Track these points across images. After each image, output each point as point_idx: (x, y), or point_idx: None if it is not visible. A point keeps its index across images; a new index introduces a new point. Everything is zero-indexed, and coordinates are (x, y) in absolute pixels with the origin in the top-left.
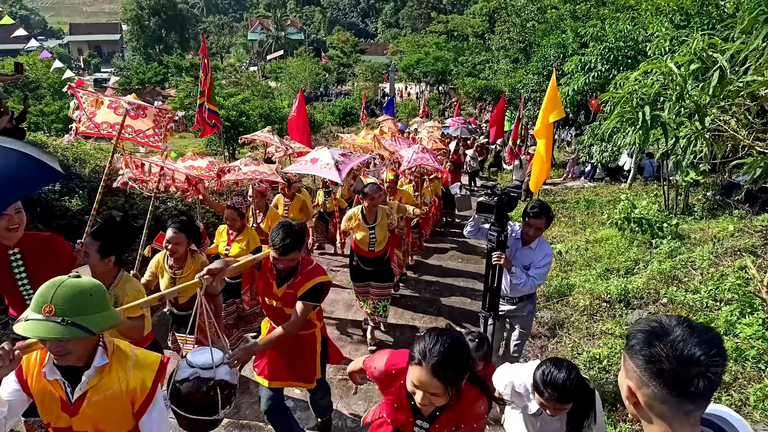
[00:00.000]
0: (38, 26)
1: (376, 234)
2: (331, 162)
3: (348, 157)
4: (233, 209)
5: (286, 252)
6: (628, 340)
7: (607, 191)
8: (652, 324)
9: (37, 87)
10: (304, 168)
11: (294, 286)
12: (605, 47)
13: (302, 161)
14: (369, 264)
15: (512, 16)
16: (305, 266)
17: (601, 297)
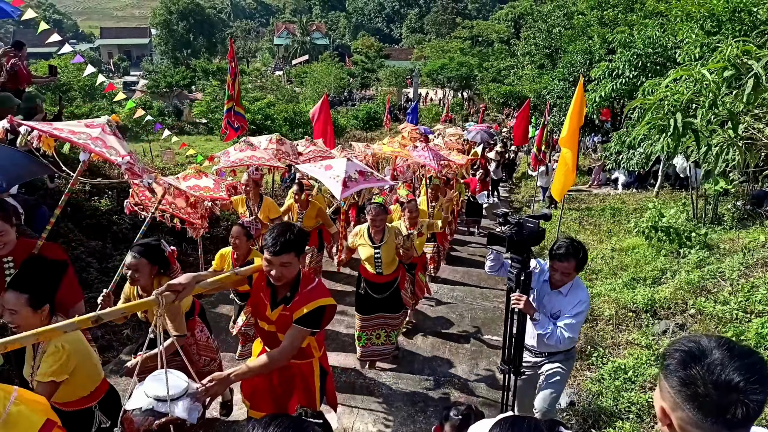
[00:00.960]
0: (70, 30)
1: (382, 255)
2: (341, 175)
3: (365, 176)
4: (241, 228)
5: (281, 251)
6: (664, 360)
7: (633, 199)
8: (690, 344)
9: (69, 89)
10: (316, 171)
11: (291, 307)
12: (633, 53)
13: (318, 164)
14: (379, 291)
15: (538, 22)
16: (306, 284)
17: (627, 306)
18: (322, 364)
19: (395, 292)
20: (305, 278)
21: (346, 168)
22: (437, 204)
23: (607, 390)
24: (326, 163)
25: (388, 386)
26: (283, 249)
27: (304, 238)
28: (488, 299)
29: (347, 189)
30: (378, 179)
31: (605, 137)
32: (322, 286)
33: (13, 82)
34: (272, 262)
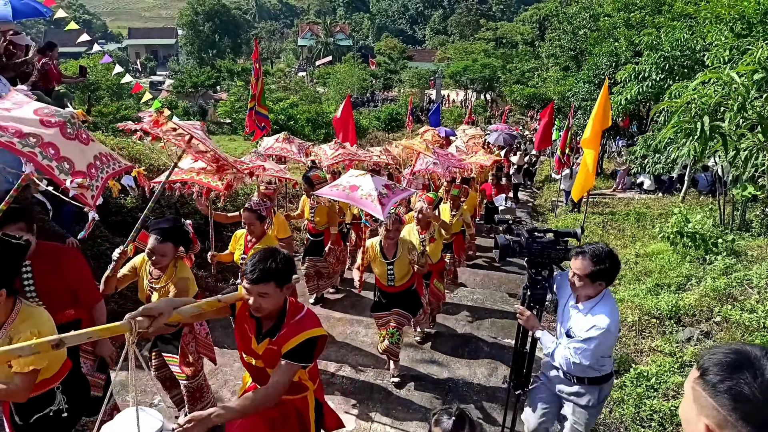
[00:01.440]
0: (99, 30)
1: (395, 271)
2: (374, 193)
3: (391, 190)
4: (251, 212)
5: (259, 280)
6: (704, 373)
7: (658, 204)
8: (731, 355)
9: (97, 88)
10: (341, 195)
11: (278, 341)
12: (660, 56)
13: (340, 185)
14: (392, 299)
15: (563, 24)
16: (293, 314)
17: (651, 313)
18: (317, 397)
19: (411, 294)
20: (292, 308)
21: (374, 183)
22: (458, 213)
23: (628, 397)
24: (348, 182)
25: (406, 388)
26: (262, 278)
27: (289, 268)
28: (508, 303)
29: (385, 207)
30: (402, 190)
31: (630, 141)
32: (312, 315)
33: (44, 81)
34: (250, 291)
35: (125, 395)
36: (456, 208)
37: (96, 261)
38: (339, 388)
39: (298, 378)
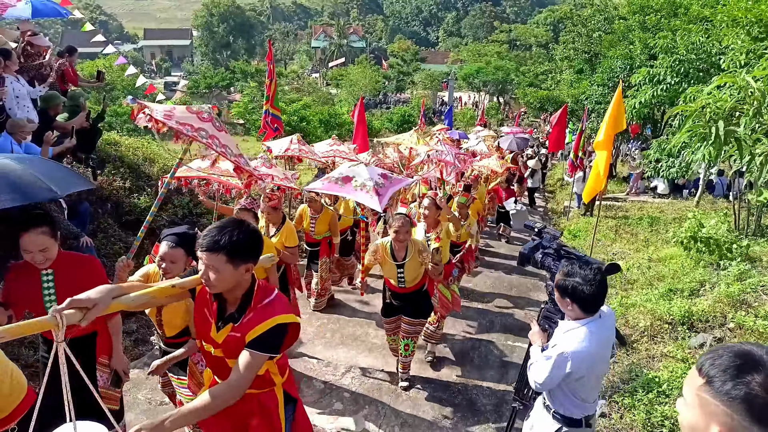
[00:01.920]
0: (115, 31)
1: (405, 273)
2: (369, 183)
3: (388, 180)
4: (246, 211)
5: (210, 248)
6: (711, 380)
7: (672, 208)
8: (738, 358)
9: (112, 89)
10: (334, 188)
11: (241, 327)
12: (675, 59)
13: (332, 178)
14: (402, 299)
15: (578, 26)
16: (261, 297)
17: (663, 318)
18: (287, 390)
19: (422, 296)
20: (261, 290)
21: (370, 174)
22: (466, 223)
23: (639, 403)
24: (341, 173)
25: (415, 390)
26: (212, 246)
27: (252, 244)
28: (519, 306)
29: (383, 197)
30: (400, 179)
31: (644, 144)
32: (283, 299)
33: (60, 83)
34: (202, 259)
35: (136, 393)
36: (464, 218)
37: (109, 260)
38: (348, 389)
39: (265, 370)
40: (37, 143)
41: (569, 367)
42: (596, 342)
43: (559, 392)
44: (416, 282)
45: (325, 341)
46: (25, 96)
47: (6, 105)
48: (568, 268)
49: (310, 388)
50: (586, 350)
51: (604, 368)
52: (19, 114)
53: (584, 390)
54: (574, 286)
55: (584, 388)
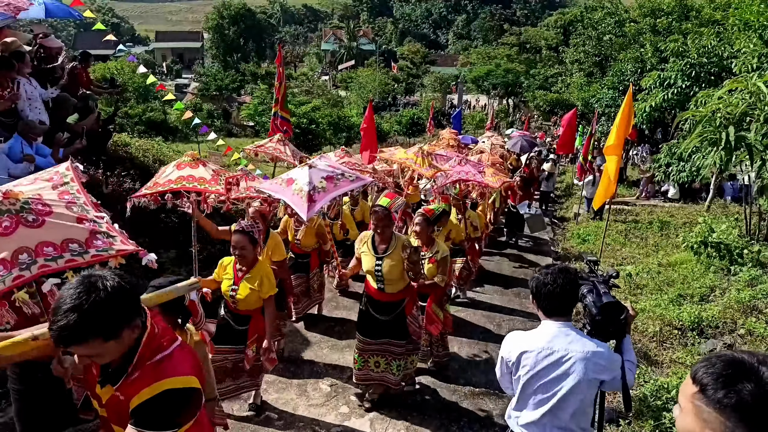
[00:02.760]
0: (127, 33)
1: (383, 268)
2: (305, 188)
3: (334, 181)
4: (243, 234)
5: (71, 341)
6: (704, 388)
7: (683, 213)
8: (729, 367)
9: (124, 91)
10: (277, 189)
11: (125, 388)
12: (686, 63)
13: (279, 179)
14: (382, 310)
15: (588, 29)
16: (152, 351)
17: (672, 324)
18: None
19: (401, 315)
20: (153, 341)
21: (310, 177)
22: (464, 217)
23: (648, 409)
24: (288, 175)
25: (422, 394)
26: (74, 338)
27: (121, 305)
28: (528, 309)
29: (314, 204)
30: (351, 180)
31: (655, 148)
32: (184, 354)
33: (74, 86)
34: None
35: None
36: (461, 212)
37: None
38: (355, 391)
39: None
40: (48, 145)
41: (503, 350)
42: (547, 343)
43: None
44: (398, 288)
45: (332, 344)
46: (37, 98)
47: (18, 107)
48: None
49: (317, 390)
50: (526, 337)
51: (547, 387)
52: (31, 116)
53: (518, 397)
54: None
55: (518, 394)
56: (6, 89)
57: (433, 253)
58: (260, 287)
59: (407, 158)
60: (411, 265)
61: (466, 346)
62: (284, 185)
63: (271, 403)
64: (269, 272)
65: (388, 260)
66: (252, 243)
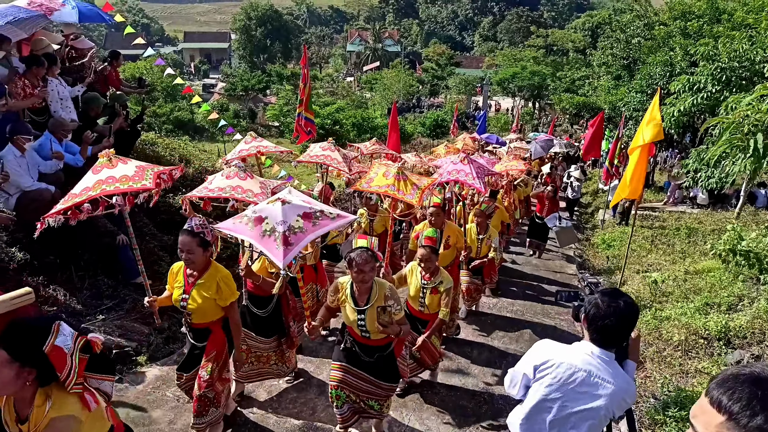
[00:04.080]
0: (156, 34)
1: (366, 323)
2: (279, 229)
3: (312, 220)
4: (190, 235)
5: None
6: (733, 414)
7: (712, 219)
8: (754, 385)
9: (152, 90)
10: (242, 230)
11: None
12: (717, 67)
13: (244, 218)
14: (366, 352)
15: (617, 32)
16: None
17: (698, 333)
18: None
19: (387, 358)
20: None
21: (284, 216)
22: (485, 235)
23: (671, 419)
24: (255, 213)
25: (440, 397)
26: None
27: (27, 336)
28: (549, 316)
29: (290, 248)
30: (332, 218)
31: (683, 153)
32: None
33: (103, 85)
34: None
35: (165, 390)
36: (483, 231)
37: (144, 259)
38: None
39: None
40: (77, 143)
41: (533, 355)
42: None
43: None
44: (383, 336)
45: None
46: (68, 97)
47: (51, 107)
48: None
49: None
50: (561, 351)
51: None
52: (62, 115)
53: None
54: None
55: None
56: (36, 87)
57: (436, 283)
58: (218, 293)
59: (387, 185)
60: (381, 327)
61: (486, 351)
62: (251, 225)
63: (290, 402)
64: (227, 275)
65: (371, 312)
66: (202, 246)
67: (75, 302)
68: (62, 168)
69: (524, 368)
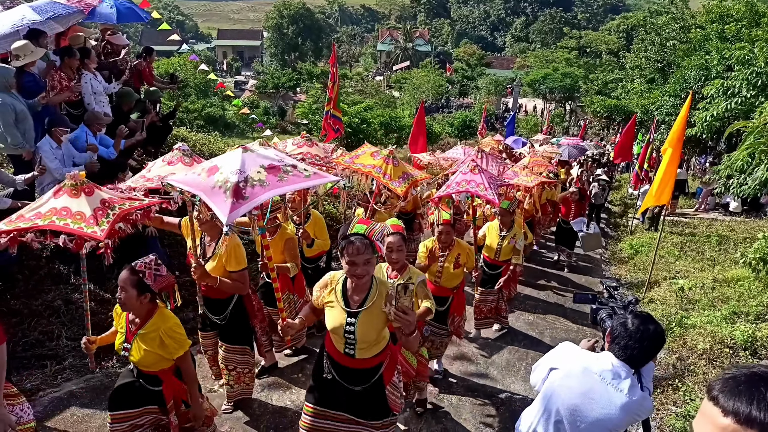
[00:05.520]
0: (191, 31)
1: (357, 329)
2: (231, 179)
3: (279, 174)
4: (129, 271)
5: None
6: (751, 423)
7: (744, 227)
8: (758, 383)
9: (185, 86)
10: (192, 182)
11: None
12: (752, 71)
13: (198, 169)
14: (351, 379)
15: (651, 34)
16: None
17: (724, 342)
18: None
19: (378, 385)
20: None
21: (242, 165)
22: (509, 234)
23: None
24: (211, 163)
25: (458, 396)
26: None
27: None
28: (572, 319)
29: (241, 203)
30: (306, 176)
31: (716, 159)
32: None
33: (137, 81)
34: None
35: None
36: (507, 228)
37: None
38: None
39: None
40: (111, 136)
41: (554, 357)
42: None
43: None
44: (371, 354)
45: None
46: (102, 92)
47: (85, 100)
48: None
49: None
50: (581, 357)
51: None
52: (96, 108)
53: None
54: None
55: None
56: (72, 80)
57: (405, 279)
58: (162, 348)
59: (373, 166)
60: (400, 315)
61: (506, 353)
62: (203, 175)
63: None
64: (173, 326)
65: (366, 317)
66: (138, 288)
67: (104, 291)
68: (96, 160)
69: (544, 367)
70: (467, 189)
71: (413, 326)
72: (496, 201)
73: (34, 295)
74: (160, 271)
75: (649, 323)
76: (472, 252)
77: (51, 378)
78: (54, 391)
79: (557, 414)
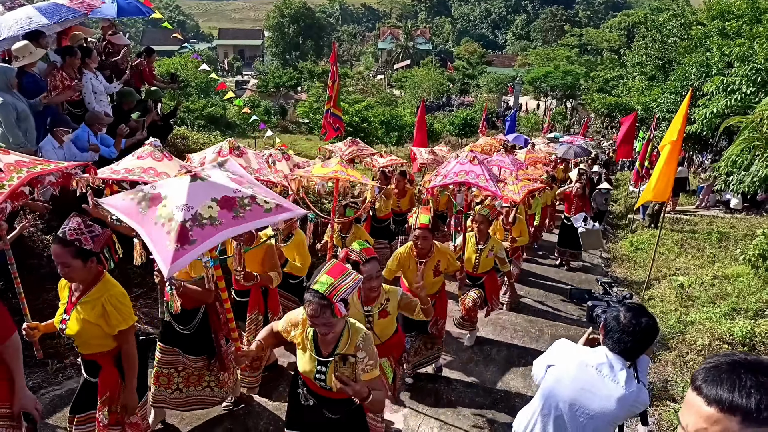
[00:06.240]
0: (192, 30)
1: (326, 377)
2: (176, 217)
3: (236, 210)
4: (60, 244)
5: None
6: (750, 413)
7: (745, 224)
8: (755, 374)
9: (186, 86)
10: (131, 212)
11: None
12: (752, 68)
13: (141, 193)
14: (328, 407)
15: (652, 32)
16: None
17: (723, 338)
18: None
19: (358, 413)
20: None
21: (189, 197)
22: (486, 246)
23: None
24: (154, 190)
25: (457, 393)
26: None
27: None
28: (571, 317)
29: (187, 250)
30: (266, 210)
31: (716, 156)
32: None
33: (138, 80)
34: None
35: None
36: (483, 240)
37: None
38: None
39: None
40: (111, 136)
41: (551, 355)
42: (598, 365)
43: None
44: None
45: None
46: (103, 92)
47: (86, 100)
48: None
49: None
50: (577, 353)
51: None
52: (97, 108)
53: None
54: None
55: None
56: (73, 79)
57: (381, 304)
58: (104, 318)
59: (333, 170)
60: (338, 383)
61: (505, 350)
62: (145, 206)
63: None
64: (117, 294)
65: (333, 369)
66: (80, 256)
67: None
68: (98, 160)
69: (543, 364)
70: (466, 180)
71: (363, 394)
72: (499, 193)
73: (35, 293)
74: (95, 231)
75: (641, 315)
76: (453, 256)
77: (52, 376)
78: (55, 389)
79: (557, 410)
